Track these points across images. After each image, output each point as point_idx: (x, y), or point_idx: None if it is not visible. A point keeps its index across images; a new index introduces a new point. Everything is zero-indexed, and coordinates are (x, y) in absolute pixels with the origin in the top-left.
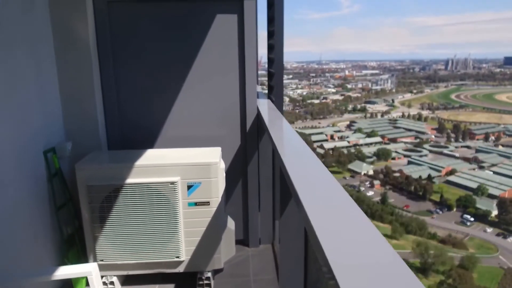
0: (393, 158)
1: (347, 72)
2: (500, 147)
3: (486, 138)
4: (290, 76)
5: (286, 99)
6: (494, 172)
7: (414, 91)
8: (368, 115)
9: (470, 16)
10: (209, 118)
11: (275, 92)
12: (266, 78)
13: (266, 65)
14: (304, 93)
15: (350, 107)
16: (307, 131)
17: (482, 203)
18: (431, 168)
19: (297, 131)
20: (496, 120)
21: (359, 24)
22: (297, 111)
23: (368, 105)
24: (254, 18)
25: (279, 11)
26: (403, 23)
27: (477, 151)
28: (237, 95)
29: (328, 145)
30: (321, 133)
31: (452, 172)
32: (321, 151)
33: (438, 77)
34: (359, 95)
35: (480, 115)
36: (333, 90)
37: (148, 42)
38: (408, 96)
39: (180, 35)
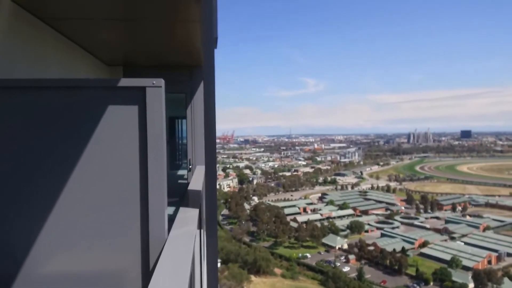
0: (366, 231)
1: (316, 146)
2: (468, 217)
3: (453, 209)
4: (262, 149)
5: (258, 171)
6: (465, 243)
7: (381, 163)
8: (339, 187)
9: (426, 93)
10: (94, 246)
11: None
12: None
13: (238, 139)
14: (276, 166)
15: (320, 179)
16: (280, 204)
17: (457, 276)
18: (404, 240)
19: (270, 204)
20: (461, 191)
21: (324, 101)
22: (269, 183)
23: (338, 177)
24: (161, 107)
25: (208, 96)
26: (365, 100)
27: (446, 221)
28: (136, 214)
29: (301, 218)
30: (294, 205)
31: (425, 244)
32: (294, 224)
33: (402, 149)
34: (329, 167)
35: (445, 186)
36: (304, 163)
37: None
38: (375, 168)
39: (57, 132)
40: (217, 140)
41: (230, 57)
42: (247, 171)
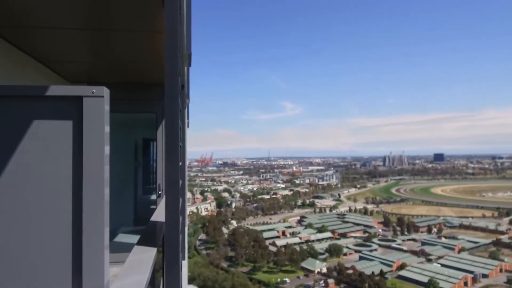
0: (345, 254)
1: (294, 168)
2: (443, 239)
3: (429, 230)
4: (241, 172)
5: (237, 194)
6: (442, 265)
7: (358, 185)
8: (317, 209)
9: (401, 117)
10: None
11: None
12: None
13: (217, 162)
14: (255, 189)
15: (299, 202)
16: (259, 228)
17: None
18: (382, 263)
19: (248, 228)
20: (436, 212)
21: (302, 124)
22: (248, 207)
23: (316, 200)
24: (102, 122)
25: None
26: (342, 124)
27: (423, 243)
28: (65, 264)
29: (280, 242)
30: (273, 229)
31: (402, 267)
32: (273, 248)
33: (378, 172)
34: (307, 190)
35: (421, 208)
36: (282, 186)
37: None
38: (353, 190)
39: None
40: (195, 163)
41: (210, 79)
42: (226, 194)
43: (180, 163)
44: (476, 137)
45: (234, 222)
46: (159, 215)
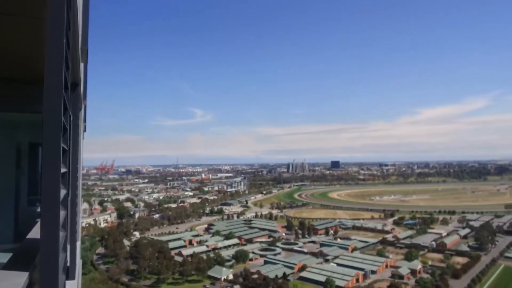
0: (251, 259)
1: (203, 175)
2: (339, 240)
3: (326, 232)
4: (146, 180)
5: (141, 204)
6: (338, 264)
7: (264, 192)
8: (225, 216)
9: (303, 128)
10: None
11: None
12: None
13: (119, 169)
14: (161, 197)
15: (207, 209)
16: (164, 238)
17: None
18: (285, 266)
19: (153, 238)
20: (332, 215)
21: (212, 131)
22: (153, 216)
23: (224, 207)
24: None
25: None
26: (250, 132)
27: (321, 245)
28: None
29: (186, 251)
30: (179, 238)
31: (303, 268)
32: (179, 258)
33: (282, 178)
34: (216, 197)
35: (319, 212)
36: (191, 193)
37: None
38: (259, 196)
39: None
40: (94, 171)
41: (114, 83)
42: (128, 204)
43: (65, 170)
44: (366, 147)
45: (137, 234)
46: (37, 232)
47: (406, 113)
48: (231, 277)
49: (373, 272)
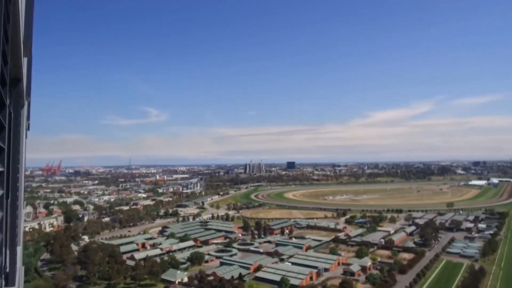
0: (207, 261)
1: (158, 177)
2: (294, 239)
3: (282, 232)
4: (96, 182)
5: (91, 206)
6: (292, 263)
7: (221, 192)
8: (180, 218)
9: (260, 129)
10: None
11: None
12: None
13: (67, 171)
14: (112, 199)
15: (162, 211)
16: (116, 242)
17: None
18: (241, 266)
19: (103, 243)
20: (287, 215)
21: (167, 131)
22: (104, 219)
23: (180, 209)
24: None
25: None
26: (206, 133)
27: (277, 244)
28: None
29: (139, 255)
30: (132, 242)
31: (259, 268)
32: (131, 263)
33: (239, 179)
34: (171, 199)
35: (275, 212)
36: (144, 195)
37: None
38: (216, 197)
39: None
40: (39, 172)
41: (64, 79)
42: (77, 207)
43: (1, 169)
44: (320, 148)
45: (86, 238)
46: None
47: (358, 116)
48: (186, 280)
49: (326, 270)
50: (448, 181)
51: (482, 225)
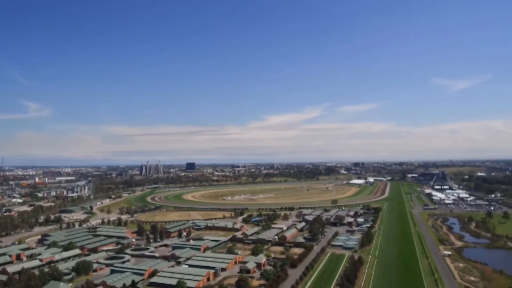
0: (95, 270)
1: (37, 179)
2: (191, 241)
3: (179, 235)
4: None
5: None
6: (190, 265)
7: (113, 196)
8: (65, 225)
9: (158, 128)
10: None
11: None
12: None
13: None
14: None
15: (42, 218)
16: None
17: None
18: (134, 273)
19: None
20: (186, 217)
21: (50, 129)
22: None
23: (64, 215)
24: None
25: None
26: (97, 131)
27: (173, 247)
28: None
29: (13, 268)
30: (4, 254)
31: (154, 273)
32: (3, 277)
33: (134, 181)
34: (53, 204)
35: (173, 214)
36: (20, 200)
37: None
38: (107, 201)
39: None
40: None
41: None
42: None
43: None
44: (221, 149)
45: None
46: None
47: (256, 118)
48: None
49: (223, 269)
50: (333, 180)
51: (360, 219)
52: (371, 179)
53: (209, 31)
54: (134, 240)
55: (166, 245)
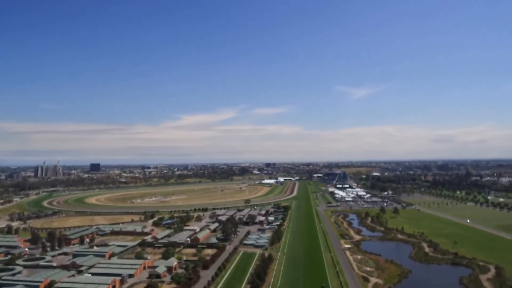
0: None
1: None
2: (95, 248)
3: (81, 241)
4: None
5: None
6: (93, 274)
7: (1, 200)
8: None
9: (57, 126)
10: None
11: None
12: None
13: None
14: None
15: None
16: None
17: None
18: (27, 286)
19: None
20: (89, 222)
21: None
22: None
23: None
24: None
25: None
26: None
27: (74, 255)
28: None
29: None
30: None
31: (51, 285)
32: None
33: (28, 184)
34: None
35: (74, 219)
36: None
37: None
38: None
39: None
40: None
41: None
42: None
43: None
44: (130, 149)
45: None
46: None
47: (169, 118)
48: None
49: (131, 275)
50: (247, 180)
51: (271, 218)
52: (281, 179)
53: (118, 21)
54: (27, 249)
55: (65, 253)
